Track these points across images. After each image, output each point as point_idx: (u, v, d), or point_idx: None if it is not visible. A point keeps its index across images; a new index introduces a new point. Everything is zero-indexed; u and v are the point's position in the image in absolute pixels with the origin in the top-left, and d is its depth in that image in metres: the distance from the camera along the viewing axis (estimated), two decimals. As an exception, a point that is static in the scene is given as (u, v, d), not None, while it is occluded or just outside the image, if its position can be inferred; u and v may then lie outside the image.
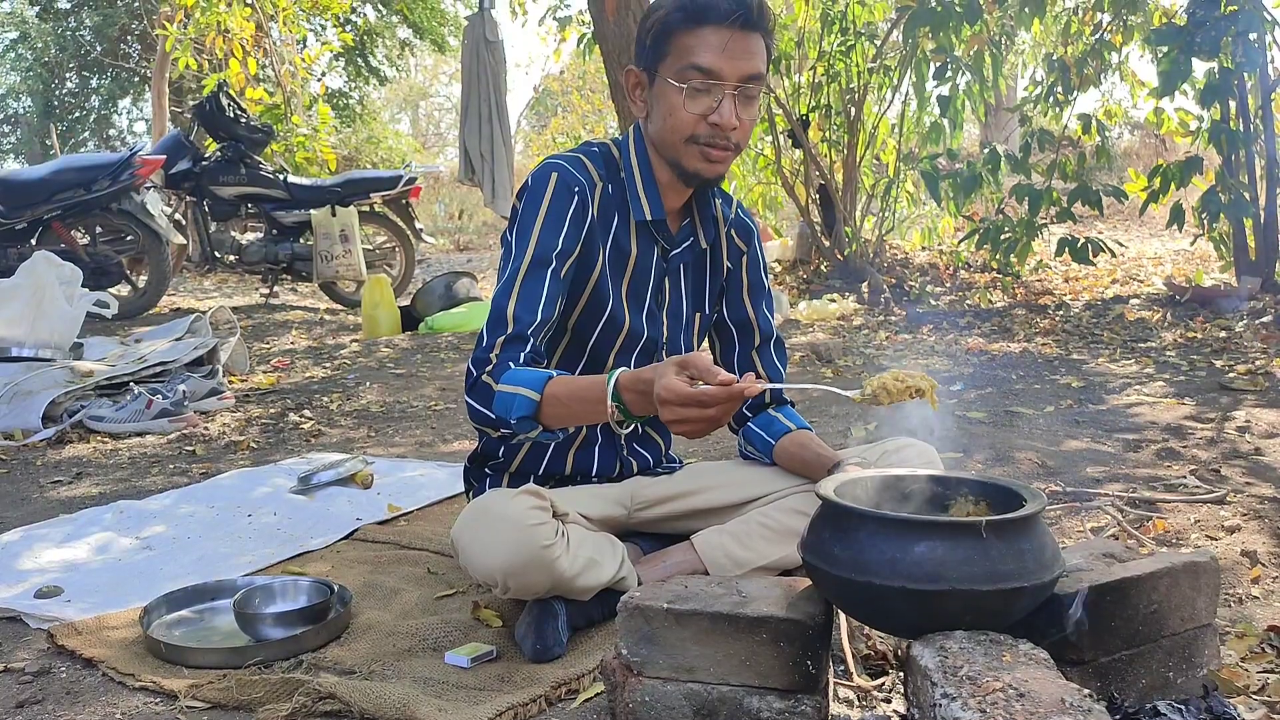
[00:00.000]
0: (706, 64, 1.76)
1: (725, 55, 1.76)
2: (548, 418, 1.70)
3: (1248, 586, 2.01)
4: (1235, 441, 3.09)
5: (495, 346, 1.77)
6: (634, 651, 1.42)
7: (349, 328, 6.55)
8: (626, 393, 1.61)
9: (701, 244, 2.02)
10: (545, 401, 1.68)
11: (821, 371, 4.54)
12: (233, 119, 7.50)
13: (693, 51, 1.77)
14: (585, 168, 1.90)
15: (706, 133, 1.80)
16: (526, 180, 1.89)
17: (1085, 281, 7.32)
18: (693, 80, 1.77)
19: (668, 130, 1.83)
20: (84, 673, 1.81)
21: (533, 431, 1.72)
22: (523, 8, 11.73)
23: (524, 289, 1.80)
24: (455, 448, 3.48)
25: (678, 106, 1.80)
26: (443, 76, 27.40)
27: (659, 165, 1.91)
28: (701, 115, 1.79)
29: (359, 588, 2.13)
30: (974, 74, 6.64)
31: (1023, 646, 1.27)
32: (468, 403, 1.79)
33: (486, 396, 1.74)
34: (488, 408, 1.74)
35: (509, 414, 1.70)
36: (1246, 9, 5.33)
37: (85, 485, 3.12)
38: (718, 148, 1.82)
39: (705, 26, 1.76)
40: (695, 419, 1.51)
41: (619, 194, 1.93)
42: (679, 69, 1.78)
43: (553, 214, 1.84)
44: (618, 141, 1.97)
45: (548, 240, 1.82)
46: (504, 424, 1.72)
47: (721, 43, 1.76)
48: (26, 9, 17.84)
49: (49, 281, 4.25)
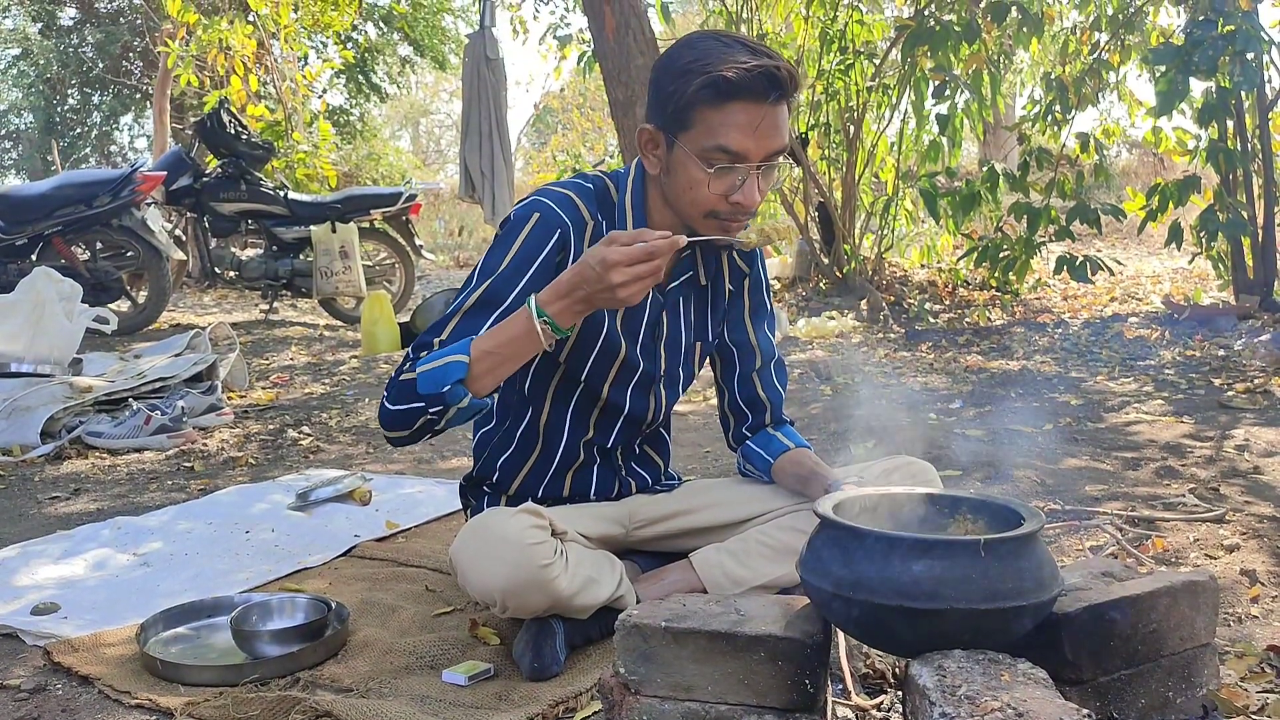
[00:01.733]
0: (736, 147, 1.68)
1: (754, 136, 1.68)
2: (479, 376, 1.65)
3: (1247, 606, 2.01)
4: (1234, 460, 3.09)
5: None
6: (632, 670, 1.42)
7: (348, 344, 6.55)
8: (552, 304, 1.62)
9: (701, 280, 1.98)
10: (474, 359, 1.64)
11: (820, 389, 4.54)
12: (234, 135, 7.51)
13: (720, 132, 1.67)
14: (574, 206, 1.84)
15: (728, 210, 1.74)
16: (510, 214, 1.84)
17: (1084, 300, 7.33)
18: (719, 162, 1.69)
19: (687, 203, 1.76)
20: (80, 690, 1.80)
21: (462, 400, 1.65)
22: (524, 26, 11.80)
23: (459, 327, 1.75)
24: (454, 465, 3.47)
25: (700, 183, 1.72)
26: (443, 94, 27.52)
27: (660, 208, 1.84)
28: (724, 195, 1.72)
29: (356, 605, 2.12)
30: (972, 93, 6.66)
31: (1021, 666, 1.26)
32: (384, 411, 1.72)
33: (407, 389, 1.68)
34: (411, 397, 1.67)
35: (440, 386, 1.64)
36: (1244, 28, 5.36)
37: (83, 501, 3.11)
38: (737, 221, 1.77)
39: (734, 104, 1.66)
40: (648, 274, 1.57)
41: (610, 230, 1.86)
42: (704, 147, 1.69)
43: (522, 255, 1.78)
44: (614, 176, 1.90)
45: (506, 281, 1.76)
46: (432, 401, 1.65)
47: (751, 123, 1.67)
48: (29, 26, 17.90)
49: (48, 297, 4.25)
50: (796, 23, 7.68)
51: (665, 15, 7.27)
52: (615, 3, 5.94)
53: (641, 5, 6.14)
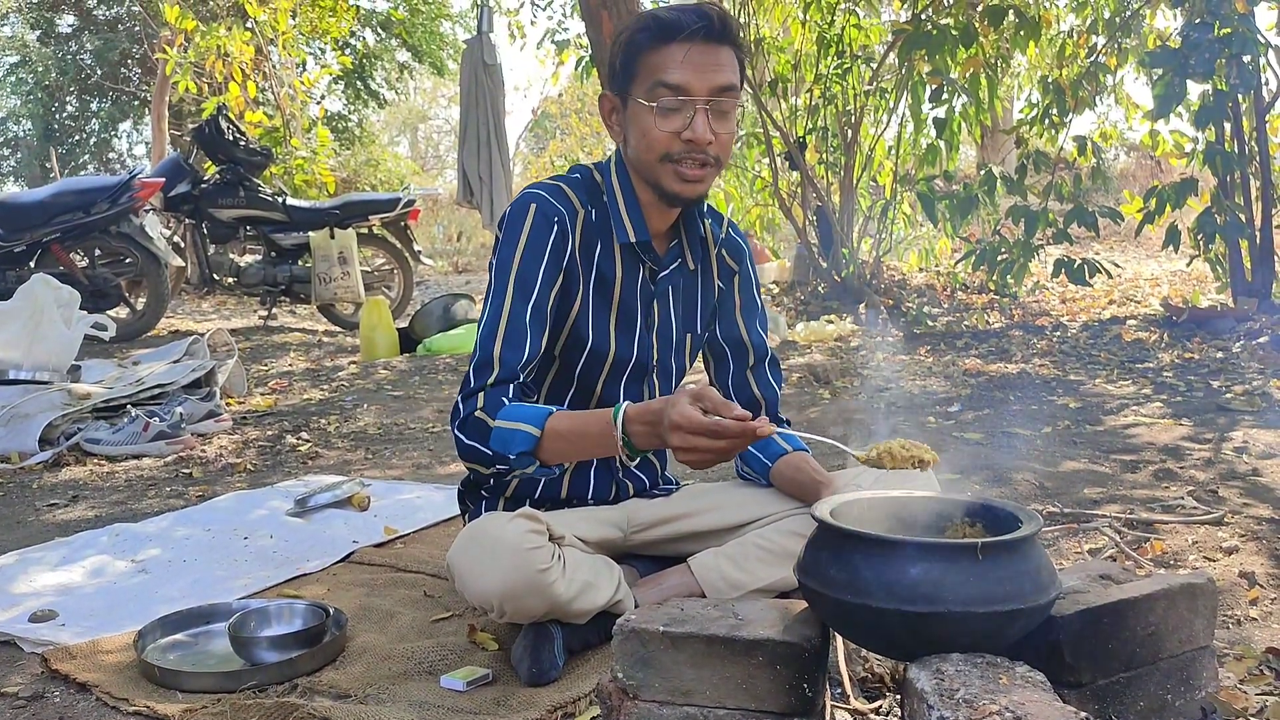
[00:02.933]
0: (675, 80, 1.76)
1: (693, 70, 1.76)
2: (548, 453, 1.70)
3: (1246, 608, 2.01)
4: (1233, 462, 3.09)
5: (484, 386, 1.77)
6: (630, 675, 1.41)
7: (347, 350, 6.55)
8: (634, 424, 1.61)
9: (690, 265, 2.01)
10: (546, 436, 1.69)
11: (819, 393, 4.54)
12: (232, 142, 7.52)
13: (661, 69, 1.77)
14: (565, 196, 1.89)
15: (680, 149, 1.79)
16: (505, 211, 1.89)
17: (1082, 303, 7.33)
18: (663, 98, 1.77)
19: (643, 150, 1.83)
20: (78, 697, 1.80)
21: (529, 468, 1.72)
22: (521, 31, 11.84)
23: (508, 329, 1.80)
24: (452, 470, 3.47)
25: (650, 126, 1.80)
26: (441, 99, 27.53)
27: (640, 186, 1.90)
28: (674, 133, 1.78)
29: (355, 611, 2.12)
30: (970, 96, 6.66)
31: (1019, 669, 1.26)
32: (458, 438, 1.77)
33: (481, 433, 1.74)
34: (483, 444, 1.73)
35: (507, 450, 1.70)
36: (1240, 31, 5.36)
37: (81, 508, 3.11)
38: (694, 164, 1.81)
39: (671, 44, 1.76)
40: (705, 449, 1.52)
41: (602, 219, 1.91)
42: (648, 88, 1.78)
43: (532, 245, 1.83)
44: (599, 165, 1.96)
45: (528, 273, 1.82)
46: (500, 460, 1.72)
47: (690, 59, 1.76)
48: (27, 33, 17.92)
49: (47, 304, 4.25)
50: (794, 27, 7.69)
51: (662, 20, 7.27)
52: (613, 7, 5.95)
53: (639, 9, 6.14)
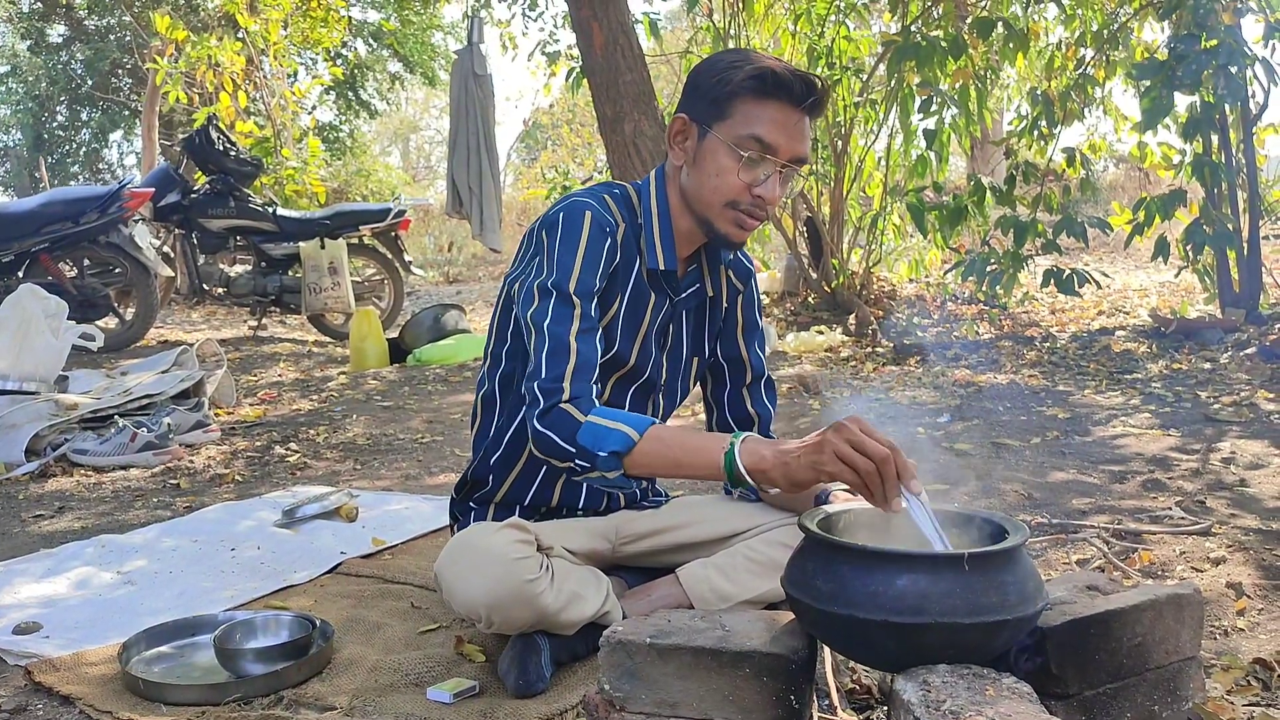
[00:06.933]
0: (769, 139, 1.76)
1: (786, 134, 1.77)
2: (639, 456, 1.66)
3: (1233, 619, 2.01)
4: (1220, 473, 3.09)
5: (564, 376, 1.72)
6: (616, 686, 1.41)
7: (337, 360, 6.54)
8: (749, 442, 1.59)
9: (708, 291, 2.03)
10: (645, 441, 1.66)
11: (809, 403, 4.54)
12: (222, 152, 7.51)
13: (757, 123, 1.76)
14: (609, 208, 1.89)
15: (749, 202, 1.80)
16: (554, 216, 1.84)
17: (1071, 313, 7.36)
18: (750, 151, 1.77)
19: (710, 190, 1.82)
20: (61, 710, 1.78)
21: (612, 471, 1.68)
22: (513, 42, 11.85)
23: (581, 321, 1.77)
24: (441, 480, 3.46)
25: (729, 170, 1.79)
26: (433, 110, 27.57)
27: (680, 213, 1.90)
28: (749, 185, 1.79)
29: (342, 622, 2.11)
30: (959, 108, 6.68)
31: (1006, 680, 1.26)
32: (537, 430, 1.71)
33: (569, 427, 1.69)
34: (569, 439, 1.69)
35: (598, 447, 1.66)
36: (1227, 43, 5.39)
37: (68, 519, 3.09)
38: (754, 217, 1.83)
39: (774, 101, 1.76)
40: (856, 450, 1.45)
41: (635, 238, 1.91)
42: (739, 136, 1.77)
43: (590, 253, 1.81)
44: (637, 186, 1.95)
45: (588, 278, 1.80)
46: (585, 456, 1.67)
47: (787, 121, 1.77)
48: (18, 43, 17.90)
49: (34, 314, 4.23)
50: (784, 39, 7.71)
51: (653, 31, 7.28)
52: (603, 19, 5.95)
53: (629, 21, 6.15)
